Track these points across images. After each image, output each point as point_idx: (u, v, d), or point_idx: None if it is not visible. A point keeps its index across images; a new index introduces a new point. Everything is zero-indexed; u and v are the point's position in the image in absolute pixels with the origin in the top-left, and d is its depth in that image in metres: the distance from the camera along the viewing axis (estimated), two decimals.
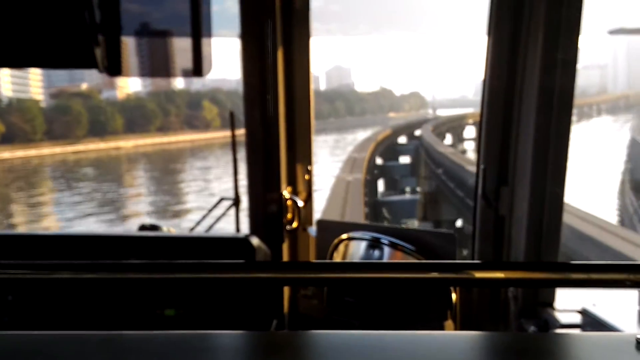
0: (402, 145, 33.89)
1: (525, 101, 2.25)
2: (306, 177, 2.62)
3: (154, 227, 2.66)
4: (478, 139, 2.51)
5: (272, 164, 2.52)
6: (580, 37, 2.08)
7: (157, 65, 1.34)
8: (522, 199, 2.30)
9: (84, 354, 0.97)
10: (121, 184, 33.24)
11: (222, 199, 2.83)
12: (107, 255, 2.21)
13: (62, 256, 2.17)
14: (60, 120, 37.15)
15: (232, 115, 2.65)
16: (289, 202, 2.57)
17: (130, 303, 2.12)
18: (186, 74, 1.27)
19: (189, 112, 44.97)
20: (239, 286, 2.00)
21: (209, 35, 1.27)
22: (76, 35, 1.11)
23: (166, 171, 37.82)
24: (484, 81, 2.38)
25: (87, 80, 40.76)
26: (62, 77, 41.06)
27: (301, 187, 2.64)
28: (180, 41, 1.31)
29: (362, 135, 41.36)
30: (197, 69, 1.25)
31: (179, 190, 30.83)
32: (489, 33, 2.31)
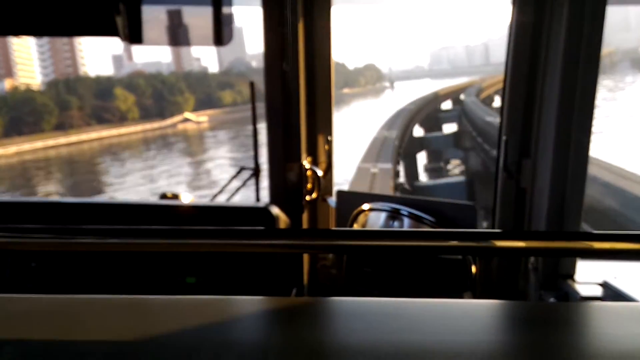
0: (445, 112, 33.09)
1: (549, 72, 2.21)
2: (326, 147, 2.62)
3: (175, 196, 2.69)
4: (501, 110, 2.48)
5: (292, 134, 2.52)
6: (607, 5, 2.03)
7: (177, 33, 1.33)
8: (544, 171, 2.27)
9: (105, 316, 1.00)
10: None
11: (242, 169, 2.84)
12: (129, 223, 2.24)
13: (85, 223, 2.20)
14: None
15: (252, 85, 2.64)
16: (309, 173, 2.57)
17: (151, 270, 2.16)
18: (207, 42, 1.26)
19: (98, 104, 39.13)
20: (259, 254, 2.02)
21: (230, 3, 1.26)
22: (97, 3, 1.11)
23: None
24: (508, 51, 2.34)
25: None
26: None
27: (321, 157, 2.64)
28: (201, 10, 1.30)
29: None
30: (218, 37, 1.25)
31: None
32: (514, 2, 2.26)
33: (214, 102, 46.78)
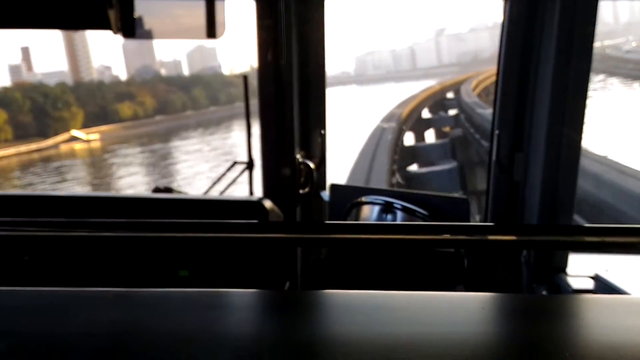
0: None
1: (541, 67, 2.22)
2: (319, 140, 2.62)
3: (168, 190, 2.68)
4: (493, 105, 2.48)
5: (286, 128, 2.52)
6: (599, 2, 2.04)
7: (170, 27, 1.33)
8: (537, 165, 2.28)
9: (97, 309, 1.00)
10: None
11: (235, 163, 2.83)
12: (122, 217, 2.24)
13: (77, 217, 2.20)
14: None
15: (245, 79, 2.64)
16: (302, 166, 2.57)
17: (144, 263, 2.16)
18: (200, 35, 1.26)
19: None
20: (252, 247, 2.02)
21: None
22: None
23: None
24: (500, 45, 2.34)
25: None
26: None
27: (314, 151, 2.64)
28: (193, 3, 1.30)
29: (239, 134, 31.73)
30: (211, 30, 1.25)
31: None
32: None
33: (110, 116, 40.73)
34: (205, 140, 36.95)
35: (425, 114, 27.89)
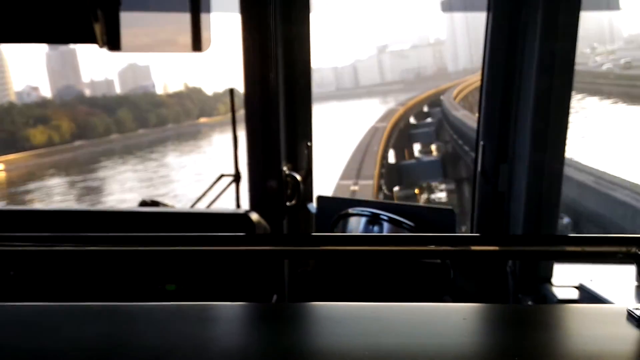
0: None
1: (525, 79, 2.25)
2: (306, 153, 2.63)
3: (154, 203, 2.67)
4: (478, 116, 2.51)
5: (272, 140, 2.52)
6: (580, 12, 2.07)
7: (156, 40, 1.33)
8: (521, 176, 2.31)
9: (84, 323, 0.99)
10: None
11: (222, 176, 2.83)
12: (108, 231, 2.22)
13: (63, 231, 2.18)
14: None
15: (232, 92, 2.64)
16: (288, 179, 2.58)
17: (131, 278, 2.14)
18: (185, 49, 1.27)
19: None
20: (239, 260, 2.02)
21: (208, 10, 1.26)
22: (75, 10, 1.11)
23: None
24: (484, 57, 2.37)
25: None
26: None
27: (301, 163, 2.65)
28: (179, 16, 1.30)
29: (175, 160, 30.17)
30: (197, 44, 1.25)
31: None
32: (489, 8, 2.30)
33: (20, 143, 35.28)
34: (134, 169, 31.89)
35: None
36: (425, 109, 31.39)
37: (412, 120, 28.21)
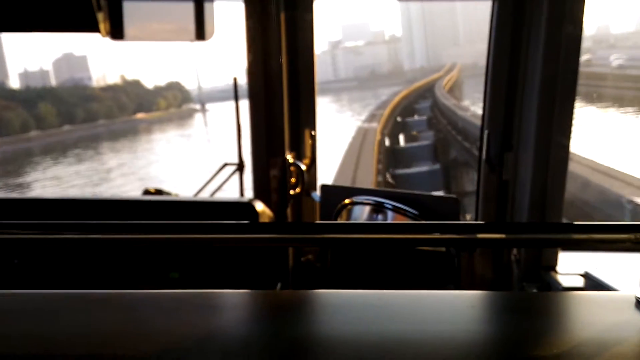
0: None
1: (530, 67, 2.23)
2: (309, 142, 2.62)
3: (158, 192, 2.68)
4: (483, 104, 2.50)
5: (276, 129, 2.52)
6: (586, 2, 2.06)
7: (159, 29, 1.33)
8: (526, 164, 2.30)
9: (88, 311, 1.00)
10: None
11: (225, 164, 2.83)
12: (112, 219, 2.23)
13: (67, 219, 2.18)
14: None
15: (235, 80, 2.64)
16: (292, 167, 2.58)
17: (135, 266, 2.15)
18: (189, 37, 1.26)
19: None
20: (243, 248, 2.02)
21: None
22: None
23: None
24: (489, 46, 2.35)
25: None
26: None
27: (305, 151, 2.64)
28: (183, 5, 1.30)
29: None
30: (200, 32, 1.25)
31: None
32: None
33: None
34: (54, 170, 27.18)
35: None
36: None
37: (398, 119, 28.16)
